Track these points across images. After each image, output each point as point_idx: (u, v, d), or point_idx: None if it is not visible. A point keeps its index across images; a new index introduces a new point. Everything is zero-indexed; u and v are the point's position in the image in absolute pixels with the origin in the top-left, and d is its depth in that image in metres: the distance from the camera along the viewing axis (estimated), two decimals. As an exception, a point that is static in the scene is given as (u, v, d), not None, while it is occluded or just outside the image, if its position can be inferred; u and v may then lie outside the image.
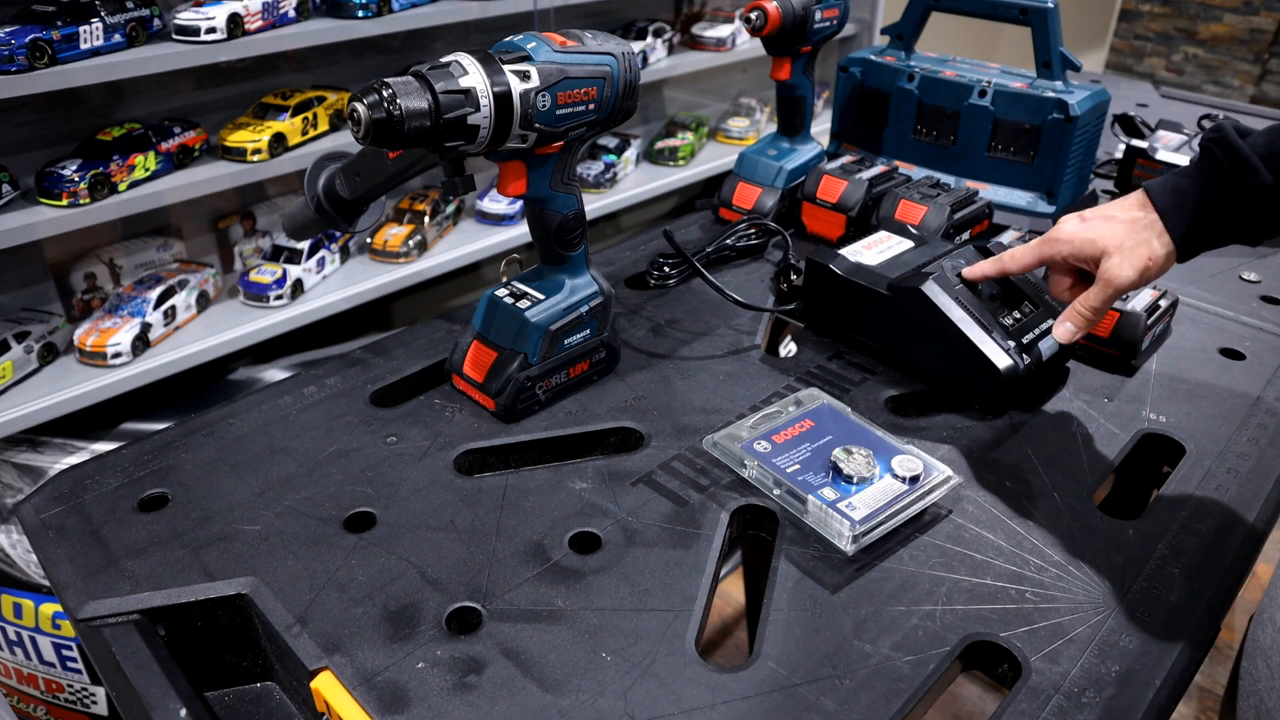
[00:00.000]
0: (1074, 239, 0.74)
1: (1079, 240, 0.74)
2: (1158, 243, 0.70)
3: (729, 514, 0.69)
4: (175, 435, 0.78)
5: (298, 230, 0.92)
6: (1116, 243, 0.71)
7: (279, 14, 1.45)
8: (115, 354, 1.38)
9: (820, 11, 1.09)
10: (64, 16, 1.24)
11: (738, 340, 0.93)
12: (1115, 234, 0.72)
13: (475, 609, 0.61)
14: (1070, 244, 0.74)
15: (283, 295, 1.57)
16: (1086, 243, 0.73)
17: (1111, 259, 0.71)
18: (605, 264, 1.08)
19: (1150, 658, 0.58)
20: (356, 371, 0.87)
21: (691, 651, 0.58)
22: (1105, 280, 0.72)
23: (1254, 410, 0.84)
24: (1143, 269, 0.70)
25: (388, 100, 0.60)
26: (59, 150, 1.37)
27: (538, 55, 0.67)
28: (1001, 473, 0.75)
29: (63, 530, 0.67)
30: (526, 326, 0.78)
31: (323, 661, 0.57)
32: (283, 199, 1.73)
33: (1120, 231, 0.71)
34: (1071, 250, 0.74)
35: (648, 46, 1.97)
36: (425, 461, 0.75)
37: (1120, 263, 0.71)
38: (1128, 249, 0.71)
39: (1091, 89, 1.14)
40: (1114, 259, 0.71)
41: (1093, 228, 0.73)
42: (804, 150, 1.19)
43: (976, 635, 0.60)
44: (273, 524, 0.68)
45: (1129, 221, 0.72)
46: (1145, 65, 4.33)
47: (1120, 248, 0.71)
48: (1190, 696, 1.72)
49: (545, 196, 0.75)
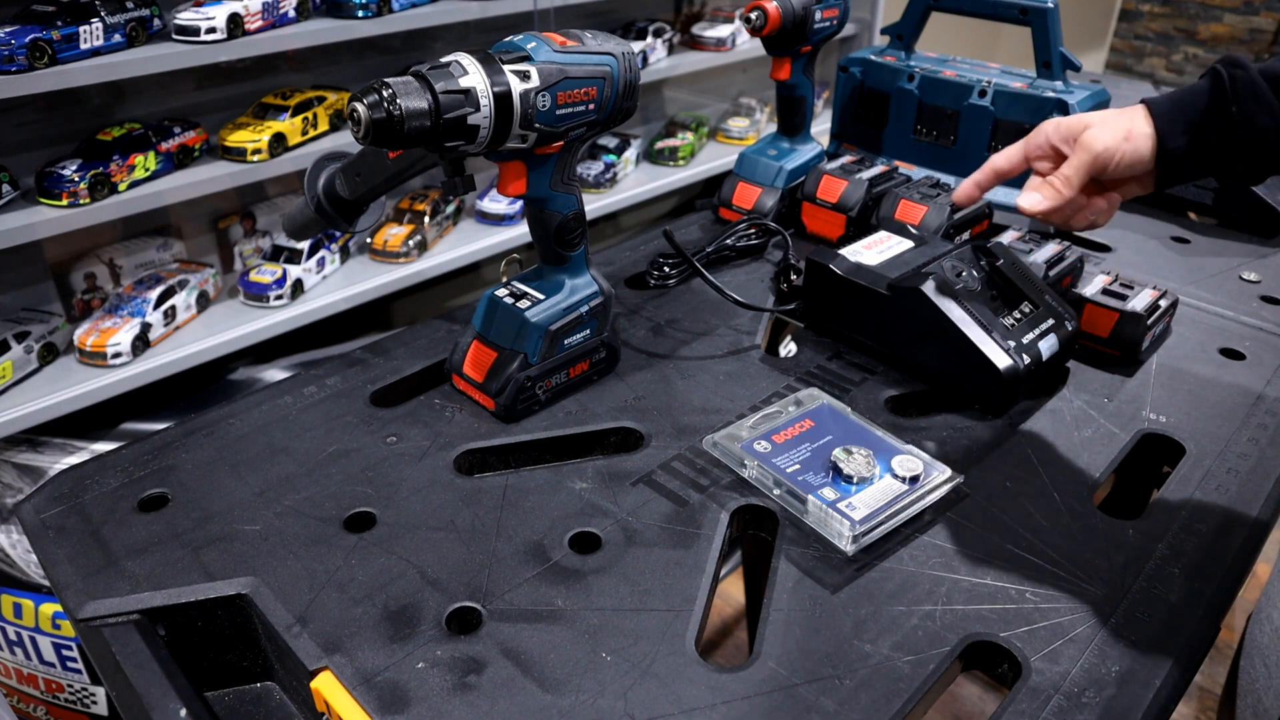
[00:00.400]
0: (1059, 121, 0.73)
1: (1064, 122, 0.73)
2: (1141, 122, 0.69)
3: (729, 514, 0.69)
4: (175, 435, 0.78)
5: (298, 230, 0.92)
6: (1100, 119, 0.71)
7: (279, 14, 1.45)
8: (115, 354, 1.38)
9: (820, 11, 1.09)
10: (64, 16, 1.24)
11: (738, 340, 0.93)
12: (1099, 115, 0.72)
13: (475, 609, 0.61)
14: (1055, 124, 0.73)
15: (283, 295, 1.57)
16: (1072, 121, 0.72)
17: (1091, 129, 0.70)
18: (605, 264, 1.08)
19: (1150, 658, 0.58)
20: (356, 371, 0.87)
21: (691, 651, 0.58)
22: (1083, 146, 0.70)
23: (1254, 410, 0.84)
24: (1121, 138, 0.69)
25: (388, 100, 0.60)
26: (59, 150, 1.37)
27: (538, 55, 0.67)
28: (1001, 473, 0.75)
29: (63, 530, 0.67)
30: (526, 326, 0.78)
31: (323, 661, 0.57)
32: (283, 199, 1.73)
33: (1105, 114, 0.72)
34: (1055, 129, 0.73)
35: (648, 46, 1.97)
36: (425, 461, 0.75)
37: (1099, 131, 0.70)
38: (1110, 121, 0.70)
39: (1091, 89, 1.14)
40: (1094, 129, 0.70)
41: (1081, 116, 0.73)
42: (804, 150, 1.19)
43: (976, 635, 0.60)
44: (273, 524, 0.68)
45: (1117, 111, 0.72)
46: (1145, 65, 4.33)
47: (1103, 122, 0.70)
48: (1190, 696, 1.72)
49: (545, 196, 0.75)
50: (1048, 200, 0.71)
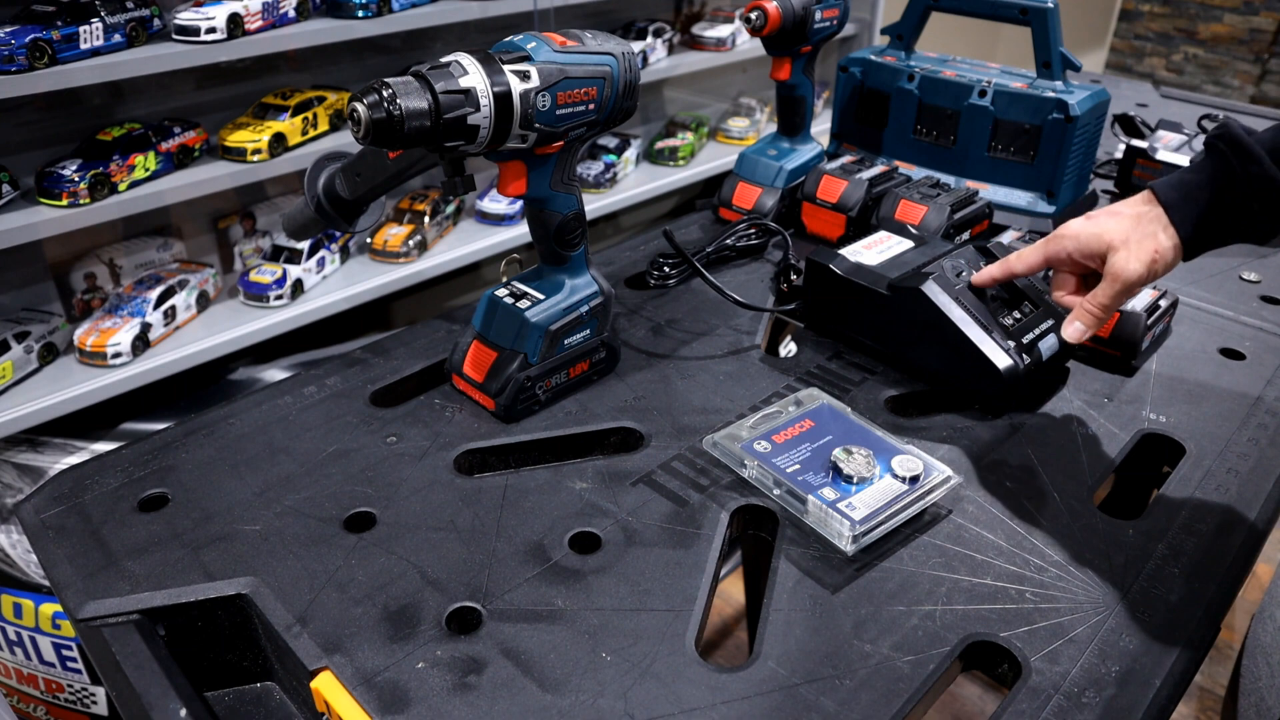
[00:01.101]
0: (1079, 235, 0.74)
1: (1085, 236, 0.73)
2: (1164, 236, 0.70)
3: (729, 514, 0.69)
4: (175, 435, 0.78)
5: (298, 230, 0.92)
6: (1123, 237, 0.71)
7: (279, 14, 1.45)
8: (115, 354, 1.38)
9: (820, 11, 1.09)
10: (64, 16, 1.24)
11: (738, 340, 0.93)
12: (1121, 229, 0.71)
13: (475, 609, 0.61)
14: (1076, 240, 0.74)
15: (283, 295, 1.57)
16: (1092, 238, 0.73)
17: (1118, 254, 0.71)
18: (605, 264, 1.08)
19: (1150, 658, 0.58)
20: (356, 371, 0.87)
21: (691, 651, 0.58)
22: (1113, 275, 0.71)
23: (1254, 410, 0.84)
24: (1149, 262, 0.70)
25: (388, 100, 0.60)
26: (59, 150, 1.37)
27: (538, 55, 0.67)
28: (1001, 473, 0.75)
29: (63, 530, 0.67)
30: (526, 326, 0.78)
31: (323, 661, 0.57)
32: (283, 199, 1.73)
33: (1126, 226, 0.71)
34: (1077, 246, 0.74)
35: (648, 46, 1.97)
36: (425, 461, 0.75)
37: (1127, 257, 0.70)
38: (1134, 243, 0.70)
39: (1091, 89, 1.14)
40: (1120, 254, 0.70)
41: (1098, 223, 0.73)
42: (804, 150, 1.19)
43: (976, 635, 0.60)
44: (273, 524, 0.68)
45: (1134, 217, 0.71)
46: (1145, 65, 4.33)
47: (1126, 242, 0.71)
48: (1190, 696, 1.71)
49: (545, 196, 0.75)
50: (1090, 328, 0.75)
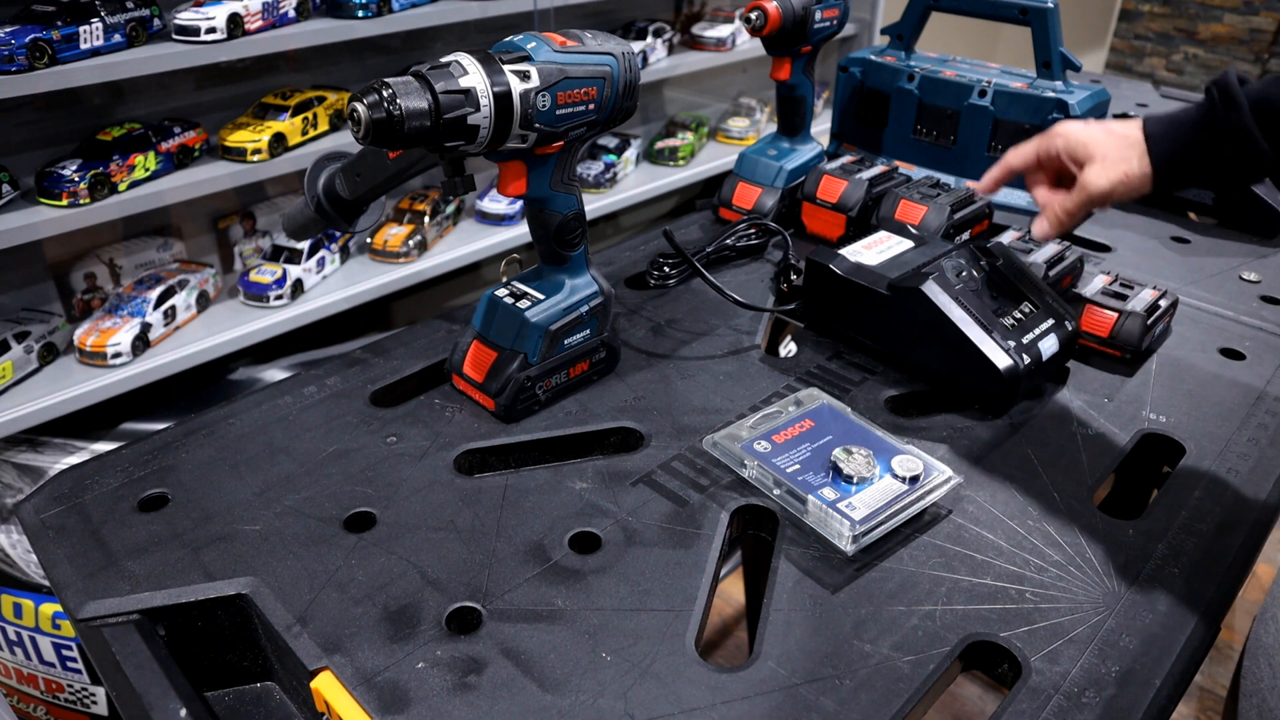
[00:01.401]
0: (1069, 136, 0.79)
1: (1074, 139, 0.79)
2: (1137, 163, 0.75)
3: (729, 514, 0.69)
4: (175, 435, 0.78)
5: (298, 230, 0.92)
6: (1102, 153, 0.77)
7: (279, 14, 1.45)
8: (115, 354, 1.38)
9: (820, 11, 1.09)
10: (64, 16, 1.24)
11: (738, 340, 0.93)
12: (1104, 145, 0.77)
13: (475, 609, 0.61)
14: (1066, 140, 0.79)
15: (283, 295, 1.57)
16: (1080, 144, 0.78)
17: (1093, 167, 0.77)
18: (605, 264, 1.08)
19: (1150, 658, 0.58)
20: (356, 371, 0.87)
21: (691, 651, 0.58)
22: (1081, 185, 0.77)
23: (1254, 410, 0.84)
24: (1118, 181, 0.75)
25: (388, 100, 0.60)
26: (59, 150, 1.37)
27: (538, 55, 0.67)
28: (1001, 473, 0.75)
29: (63, 530, 0.67)
30: (526, 326, 0.78)
31: (323, 661, 0.57)
32: (283, 199, 1.73)
33: (1110, 144, 0.77)
34: (1065, 145, 0.79)
35: (648, 46, 1.97)
36: (425, 461, 0.75)
37: (1099, 172, 0.76)
38: (1110, 161, 0.76)
39: (1091, 89, 1.14)
40: (1095, 167, 0.77)
41: (1089, 132, 0.78)
42: (804, 150, 1.19)
43: (976, 635, 0.60)
44: (273, 524, 0.68)
45: (1121, 137, 0.77)
46: (1145, 65, 4.33)
47: (1105, 159, 0.76)
48: (1190, 696, 1.72)
49: (545, 196, 0.75)
50: (1055, 230, 0.82)
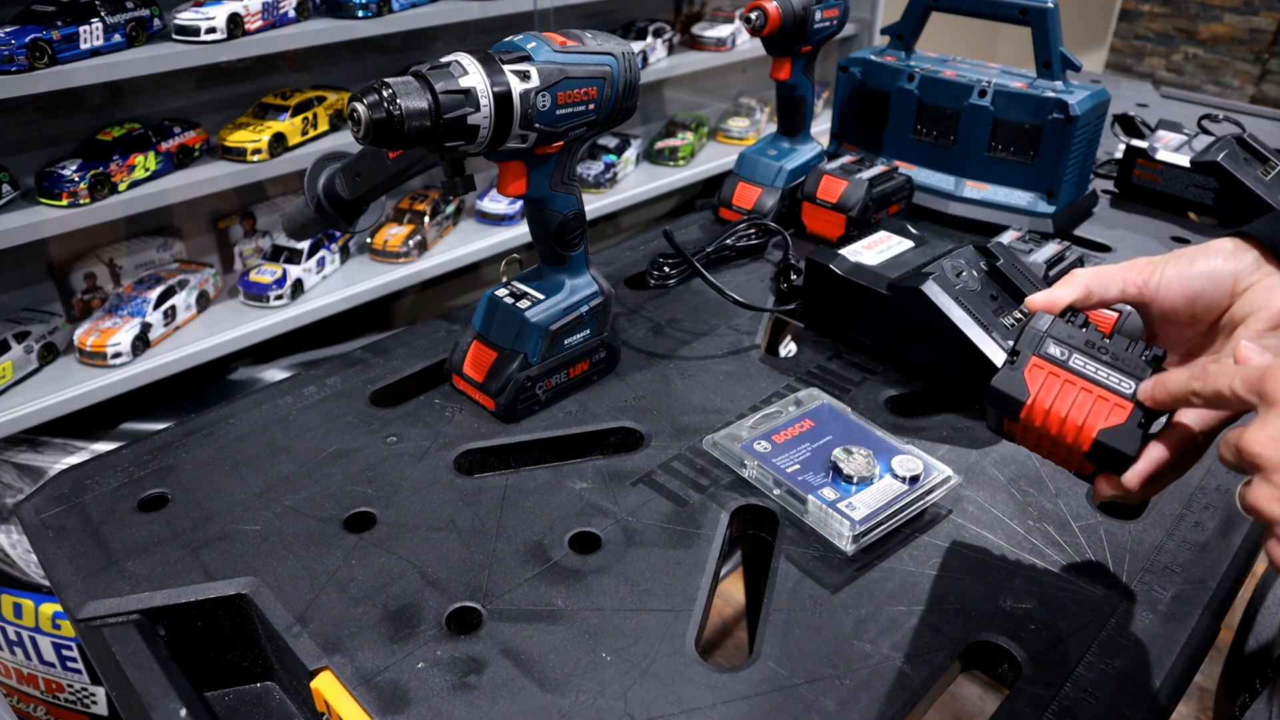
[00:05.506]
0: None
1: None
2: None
3: (729, 514, 0.69)
4: (175, 435, 0.78)
5: (298, 230, 0.92)
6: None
7: (279, 14, 1.45)
8: (115, 354, 1.38)
9: (820, 11, 1.09)
10: (64, 16, 1.24)
11: (738, 340, 0.93)
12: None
13: (475, 609, 0.61)
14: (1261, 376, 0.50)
15: (283, 295, 1.57)
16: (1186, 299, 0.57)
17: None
18: (605, 264, 1.08)
19: (1150, 657, 0.58)
20: (356, 371, 0.87)
21: (691, 651, 0.58)
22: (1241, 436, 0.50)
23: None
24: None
25: (388, 100, 0.60)
26: (59, 150, 1.37)
27: (538, 55, 0.67)
28: (1001, 473, 0.75)
29: (63, 530, 0.67)
30: (526, 326, 0.78)
31: (323, 661, 0.57)
32: (283, 199, 1.73)
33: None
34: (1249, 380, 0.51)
35: (648, 46, 1.98)
36: (425, 461, 0.75)
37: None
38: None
39: (1091, 89, 1.14)
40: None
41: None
42: (804, 150, 1.19)
43: (976, 635, 0.60)
44: (273, 524, 0.68)
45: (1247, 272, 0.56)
46: (1145, 65, 4.33)
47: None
48: (1190, 696, 1.72)
49: (545, 196, 0.75)
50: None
